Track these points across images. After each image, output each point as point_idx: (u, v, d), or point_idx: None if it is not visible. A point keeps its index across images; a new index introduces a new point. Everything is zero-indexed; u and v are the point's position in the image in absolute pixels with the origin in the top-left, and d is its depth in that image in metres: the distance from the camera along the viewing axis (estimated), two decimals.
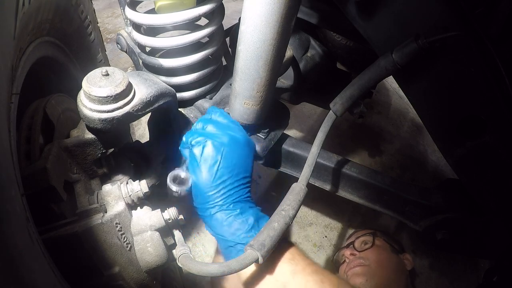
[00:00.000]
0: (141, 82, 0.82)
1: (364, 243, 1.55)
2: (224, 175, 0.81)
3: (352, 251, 1.53)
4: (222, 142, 0.83)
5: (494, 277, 1.17)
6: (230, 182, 0.81)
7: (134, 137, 1.89)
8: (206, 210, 0.82)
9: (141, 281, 0.80)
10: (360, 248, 1.52)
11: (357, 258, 1.49)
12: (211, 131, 0.87)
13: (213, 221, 0.82)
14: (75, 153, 0.85)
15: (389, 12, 0.83)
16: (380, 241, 1.55)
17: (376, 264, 1.45)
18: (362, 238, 1.57)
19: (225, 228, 0.80)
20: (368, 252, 1.50)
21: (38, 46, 0.87)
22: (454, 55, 0.82)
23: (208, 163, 0.81)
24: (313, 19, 1.25)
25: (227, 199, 0.81)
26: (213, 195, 0.81)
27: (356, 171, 1.17)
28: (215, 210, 0.81)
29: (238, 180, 0.83)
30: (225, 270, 0.71)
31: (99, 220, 0.75)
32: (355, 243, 1.56)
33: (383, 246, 1.54)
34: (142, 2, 0.98)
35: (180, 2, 0.92)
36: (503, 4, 0.75)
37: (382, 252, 1.51)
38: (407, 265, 1.54)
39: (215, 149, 0.82)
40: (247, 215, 0.81)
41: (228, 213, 0.81)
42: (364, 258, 1.47)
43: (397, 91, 2.40)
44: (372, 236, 1.55)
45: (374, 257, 1.47)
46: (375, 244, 1.52)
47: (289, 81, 1.35)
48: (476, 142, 0.91)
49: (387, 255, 1.51)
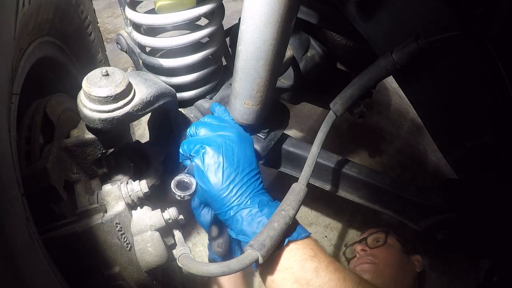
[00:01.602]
0: (141, 82, 0.82)
1: (376, 240, 1.55)
2: (232, 174, 0.80)
3: (363, 247, 1.54)
4: (219, 144, 0.82)
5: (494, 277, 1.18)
6: (240, 179, 0.81)
7: (134, 137, 1.89)
8: (225, 214, 0.81)
9: (141, 281, 0.81)
10: (372, 245, 1.53)
11: (367, 254, 1.50)
12: (206, 134, 0.86)
13: (234, 222, 0.81)
14: (75, 153, 0.85)
15: (389, 12, 0.83)
16: (393, 240, 1.55)
17: (384, 262, 1.45)
18: (375, 235, 1.57)
19: (245, 228, 0.79)
20: (379, 250, 1.50)
21: (38, 46, 0.87)
22: (454, 55, 0.82)
23: (212, 168, 0.80)
24: (313, 19, 1.25)
25: (242, 196, 0.80)
26: (227, 197, 0.80)
27: (356, 171, 1.17)
28: (234, 211, 0.80)
29: (247, 174, 0.82)
30: (225, 270, 0.71)
31: (99, 220, 0.75)
32: (368, 240, 1.56)
33: (395, 246, 1.54)
34: (142, 2, 0.98)
35: (180, 2, 0.92)
36: (503, 4, 0.75)
37: (392, 251, 1.51)
38: (417, 267, 1.53)
39: (214, 153, 0.81)
40: (265, 212, 0.79)
41: (247, 212, 0.79)
42: (374, 256, 1.48)
43: (397, 91, 2.40)
44: (385, 234, 1.55)
45: (383, 256, 1.47)
46: (387, 242, 1.52)
47: (289, 81, 1.35)
48: (476, 142, 0.91)
49: (397, 255, 1.50)
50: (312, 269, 0.77)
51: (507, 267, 1.15)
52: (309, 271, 0.76)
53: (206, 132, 0.87)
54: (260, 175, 0.86)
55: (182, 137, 1.05)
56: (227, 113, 0.98)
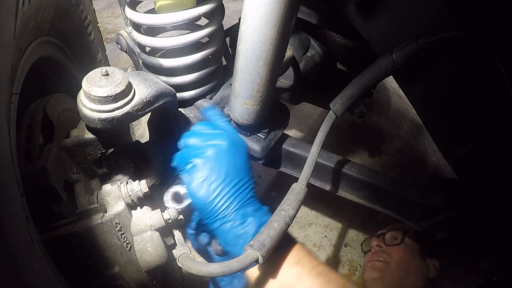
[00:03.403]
0: (141, 82, 0.82)
1: (394, 238, 1.52)
2: (218, 187, 0.80)
3: (380, 242, 1.51)
4: (207, 156, 0.82)
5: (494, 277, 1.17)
6: (226, 192, 0.81)
7: (134, 137, 1.89)
8: (211, 225, 0.82)
9: (141, 281, 0.80)
10: (388, 242, 1.50)
11: (382, 251, 1.47)
12: (195, 144, 0.85)
13: (219, 234, 0.82)
14: (75, 153, 0.85)
15: (389, 12, 0.83)
16: (411, 240, 1.50)
17: (396, 263, 1.42)
18: (393, 232, 1.53)
19: (230, 240, 0.81)
20: (394, 249, 1.47)
21: (38, 46, 0.87)
22: (454, 55, 0.82)
23: (198, 182, 0.80)
24: (313, 19, 1.25)
25: (226, 210, 0.80)
26: (212, 210, 0.80)
27: (356, 171, 1.16)
28: (218, 224, 0.81)
29: (233, 186, 0.82)
30: (225, 270, 0.71)
31: (99, 220, 0.75)
32: (386, 236, 1.53)
33: (412, 247, 1.49)
34: (142, 2, 0.98)
35: (180, 2, 0.93)
36: (503, 4, 0.75)
37: (407, 252, 1.47)
38: (432, 272, 1.48)
39: (201, 166, 0.81)
40: (248, 224, 0.80)
41: (230, 224, 0.80)
42: (388, 253, 1.45)
43: (397, 91, 2.40)
44: (403, 233, 1.51)
45: (397, 256, 1.44)
46: (404, 242, 1.48)
47: (289, 81, 1.35)
48: (476, 142, 0.91)
49: (411, 256, 1.46)
50: (295, 275, 0.79)
51: (507, 267, 1.15)
52: (292, 277, 0.79)
53: (196, 142, 0.85)
54: (251, 182, 0.86)
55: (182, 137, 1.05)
56: (220, 116, 0.96)
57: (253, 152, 1.08)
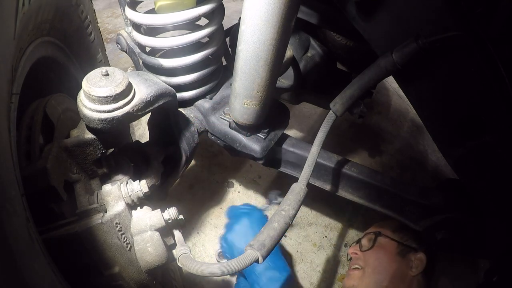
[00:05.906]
0: (141, 82, 0.82)
1: (369, 241, 1.45)
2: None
3: (355, 249, 1.45)
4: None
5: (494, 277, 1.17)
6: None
7: (134, 137, 1.89)
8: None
9: (141, 281, 0.80)
10: (364, 247, 1.43)
11: (357, 258, 1.42)
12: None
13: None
14: (75, 153, 0.85)
15: (389, 12, 0.83)
16: (386, 240, 1.42)
17: (371, 268, 1.36)
18: (370, 235, 1.46)
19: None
20: (368, 254, 1.40)
21: (38, 46, 0.87)
22: (454, 55, 0.82)
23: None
24: (313, 19, 1.25)
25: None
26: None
27: (356, 171, 1.16)
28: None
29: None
30: (225, 270, 0.71)
31: (99, 220, 0.75)
32: (362, 241, 1.46)
33: (387, 247, 1.41)
34: (142, 2, 0.98)
35: (180, 2, 0.93)
36: (503, 4, 0.75)
37: (381, 255, 1.39)
38: (415, 267, 1.36)
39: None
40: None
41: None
42: (364, 260, 1.39)
43: (397, 91, 2.40)
44: (374, 236, 1.44)
45: (371, 260, 1.38)
46: (376, 245, 1.41)
47: (289, 81, 1.35)
48: (476, 142, 0.91)
49: (387, 258, 1.38)
50: None
51: (507, 267, 1.14)
52: None
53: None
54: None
55: (182, 137, 1.05)
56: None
57: (253, 152, 1.08)
